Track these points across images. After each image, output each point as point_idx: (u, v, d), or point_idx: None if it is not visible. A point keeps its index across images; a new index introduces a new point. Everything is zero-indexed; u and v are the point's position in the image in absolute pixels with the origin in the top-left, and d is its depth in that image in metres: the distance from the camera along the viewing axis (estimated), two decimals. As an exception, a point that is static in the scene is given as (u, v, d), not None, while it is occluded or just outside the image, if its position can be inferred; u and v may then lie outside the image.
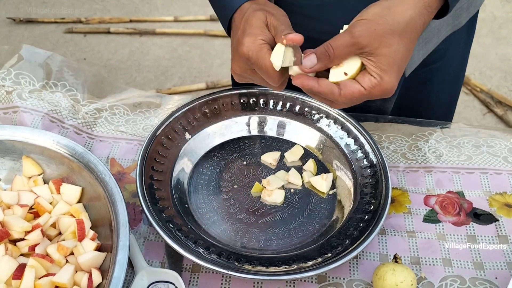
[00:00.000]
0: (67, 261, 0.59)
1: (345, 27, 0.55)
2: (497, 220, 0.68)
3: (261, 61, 0.57)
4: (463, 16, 0.77)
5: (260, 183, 0.70)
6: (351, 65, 0.54)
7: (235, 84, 0.99)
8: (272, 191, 0.69)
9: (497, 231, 0.67)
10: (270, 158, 0.74)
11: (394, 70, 0.53)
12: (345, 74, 0.54)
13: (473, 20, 0.84)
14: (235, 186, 0.71)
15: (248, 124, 0.77)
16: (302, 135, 0.76)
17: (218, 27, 2.41)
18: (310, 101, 0.76)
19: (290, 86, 0.81)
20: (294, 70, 0.56)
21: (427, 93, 0.86)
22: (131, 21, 2.43)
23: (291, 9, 0.77)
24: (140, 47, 2.31)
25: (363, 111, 0.81)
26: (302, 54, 0.55)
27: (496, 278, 0.62)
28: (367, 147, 0.71)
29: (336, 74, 0.54)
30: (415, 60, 0.77)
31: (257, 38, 0.58)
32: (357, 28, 0.52)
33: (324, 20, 0.74)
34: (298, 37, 0.55)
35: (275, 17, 0.59)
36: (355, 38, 0.52)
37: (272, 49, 0.57)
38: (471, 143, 0.78)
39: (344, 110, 0.75)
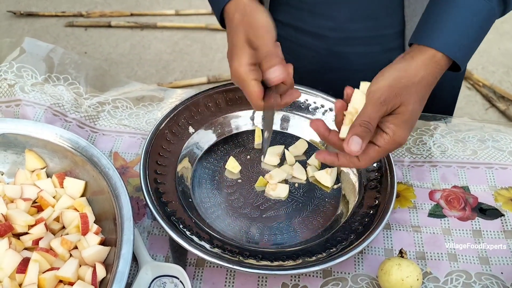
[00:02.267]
0: (71, 255, 0.59)
1: (363, 84, 0.57)
2: (503, 215, 0.68)
3: (246, 89, 0.60)
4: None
5: (264, 178, 0.70)
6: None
7: None
8: (276, 186, 0.69)
9: (503, 226, 0.66)
10: (274, 153, 0.73)
11: (407, 126, 0.55)
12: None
13: None
14: (239, 181, 0.70)
15: (252, 118, 0.77)
16: (306, 129, 0.76)
17: (219, 21, 2.40)
18: (315, 95, 0.75)
19: (296, 80, 0.81)
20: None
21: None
22: (132, 14, 2.42)
23: (298, 6, 0.77)
24: (141, 41, 2.30)
25: None
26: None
27: (502, 273, 0.62)
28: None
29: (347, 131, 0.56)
30: None
31: (242, 61, 0.60)
32: (383, 95, 0.54)
33: (330, 17, 0.74)
34: (280, 76, 0.59)
35: (259, 33, 0.60)
36: (385, 105, 0.54)
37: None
38: (476, 137, 0.77)
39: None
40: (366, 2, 0.56)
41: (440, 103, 0.90)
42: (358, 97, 0.56)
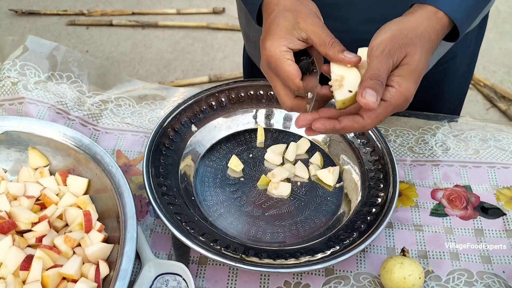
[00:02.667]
0: (74, 252, 0.59)
1: (360, 50, 0.55)
2: (505, 214, 0.68)
3: (282, 68, 0.56)
4: (478, 17, 0.77)
5: (266, 176, 0.70)
6: (352, 80, 0.53)
7: (247, 76, 0.98)
8: (278, 184, 0.69)
9: (505, 225, 0.67)
10: (276, 152, 0.73)
11: (413, 78, 0.53)
12: (350, 91, 0.53)
13: (484, 19, 0.84)
14: (242, 179, 0.71)
15: (254, 117, 0.77)
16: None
17: (220, 20, 2.40)
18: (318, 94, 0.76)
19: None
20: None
21: (439, 92, 0.86)
22: (133, 13, 2.42)
23: None
24: (143, 40, 2.30)
25: None
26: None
27: (503, 272, 0.62)
28: (374, 140, 0.71)
29: (341, 93, 0.53)
30: (434, 57, 0.77)
31: (280, 43, 0.56)
32: (387, 47, 0.52)
33: (340, 19, 0.73)
34: (357, 59, 0.54)
35: (309, 20, 0.56)
36: (390, 56, 0.52)
37: (296, 54, 0.56)
38: (478, 137, 0.78)
39: None
40: (376, 4, 0.55)
41: (447, 104, 0.90)
42: (337, 66, 0.54)
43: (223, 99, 0.76)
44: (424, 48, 0.54)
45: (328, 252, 0.60)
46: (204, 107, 0.75)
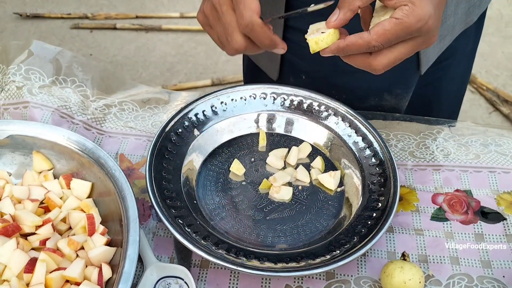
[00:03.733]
0: (77, 255, 0.59)
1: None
2: (505, 219, 0.68)
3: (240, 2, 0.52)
4: (475, 13, 0.78)
5: (268, 180, 0.71)
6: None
7: (247, 81, 0.99)
8: (280, 188, 0.69)
9: (505, 230, 0.67)
10: (278, 156, 0.74)
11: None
12: (323, 32, 0.51)
13: (481, 17, 0.84)
14: (243, 183, 0.71)
15: (256, 121, 0.77)
16: (310, 132, 0.77)
17: (224, 24, 2.41)
18: (319, 99, 0.76)
19: (299, 84, 0.81)
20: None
21: (438, 90, 0.86)
22: (137, 17, 2.43)
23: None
24: (146, 43, 2.31)
25: (377, 109, 0.81)
26: None
27: (503, 276, 0.62)
28: (375, 145, 0.72)
29: (314, 35, 0.51)
30: (431, 57, 0.77)
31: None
32: None
33: None
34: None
35: None
36: None
37: None
38: (479, 141, 0.78)
39: (355, 107, 0.75)
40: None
41: (447, 102, 0.90)
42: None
43: (225, 104, 0.76)
44: None
45: (329, 256, 0.60)
46: (206, 111, 0.75)
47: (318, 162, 0.73)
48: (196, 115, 0.75)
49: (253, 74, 0.93)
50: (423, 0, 0.48)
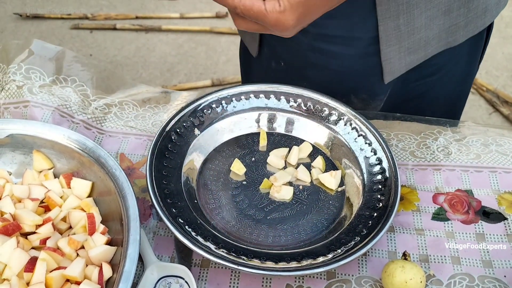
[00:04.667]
0: (77, 254, 0.59)
1: None
2: (506, 219, 0.68)
3: None
4: (460, 34, 0.76)
5: (269, 180, 0.71)
6: None
7: (245, 80, 1.00)
8: (280, 188, 0.69)
9: (506, 229, 0.67)
10: (278, 156, 0.74)
11: (299, 11, 0.51)
12: None
13: (478, 40, 0.82)
14: (244, 182, 0.71)
15: (257, 121, 0.77)
16: (311, 132, 0.76)
17: (224, 24, 2.41)
18: (319, 99, 0.76)
19: (279, 70, 0.82)
20: None
21: (422, 107, 0.86)
22: (137, 17, 2.43)
23: None
24: (146, 44, 2.32)
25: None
26: None
27: (505, 276, 0.62)
28: (376, 144, 0.71)
29: None
30: (396, 68, 0.76)
31: None
32: None
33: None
34: None
35: None
36: None
37: None
38: (480, 141, 0.78)
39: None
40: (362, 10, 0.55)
41: (446, 109, 0.90)
42: None
43: (225, 103, 0.76)
44: None
45: (330, 256, 0.60)
46: (207, 111, 0.75)
47: (318, 162, 0.73)
48: (196, 114, 0.74)
49: (245, 57, 0.94)
50: (292, 13, 0.51)
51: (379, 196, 0.67)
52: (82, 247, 0.60)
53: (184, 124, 0.73)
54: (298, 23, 0.52)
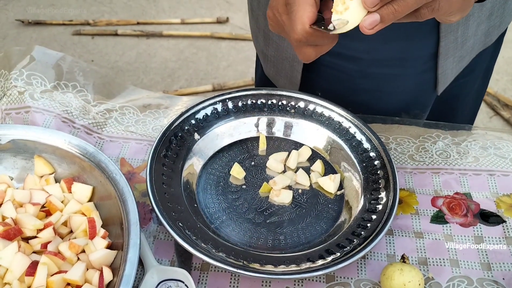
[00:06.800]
0: (78, 258, 0.60)
1: None
2: (505, 222, 0.68)
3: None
4: (494, 34, 0.78)
5: (268, 184, 0.71)
6: (354, 13, 0.47)
7: (258, 84, 0.98)
8: (280, 191, 0.70)
9: (505, 232, 0.67)
10: (278, 160, 0.74)
11: None
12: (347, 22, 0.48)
13: (500, 37, 0.84)
14: (244, 186, 0.71)
15: (256, 125, 0.78)
16: (310, 136, 0.77)
17: (224, 30, 2.42)
18: (318, 102, 0.77)
19: (300, 88, 0.82)
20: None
21: (454, 106, 0.87)
22: (138, 23, 2.45)
23: None
24: (147, 49, 2.33)
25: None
26: None
27: (503, 279, 0.62)
28: (374, 148, 0.72)
29: (337, 19, 0.48)
30: (449, 77, 0.78)
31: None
32: None
33: (363, 38, 0.73)
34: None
35: None
36: None
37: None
38: (478, 145, 0.78)
39: (354, 111, 0.75)
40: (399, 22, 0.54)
41: (460, 119, 0.90)
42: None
43: (225, 108, 0.77)
44: None
45: (329, 259, 0.60)
46: (207, 115, 0.76)
47: (318, 166, 0.74)
48: (196, 119, 0.75)
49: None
50: None
51: (378, 200, 0.67)
52: (83, 251, 0.60)
53: (184, 128, 0.74)
54: None
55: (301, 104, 0.77)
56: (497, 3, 0.73)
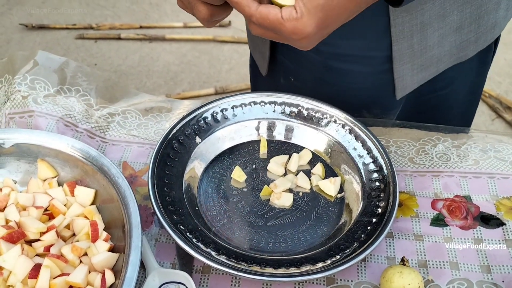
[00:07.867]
0: (81, 261, 0.60)
1: None
2: (504, 224, 0.68)
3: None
4: (470, 49, 0.77)
5: (269, 187, 0.72)
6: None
7: (254, 88, 1.00)
8: (280, 194, 0.70)
9: (504, 235, 0.67)
10: (278, 163, 0.75)
11: (317, 16, 0.49)
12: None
13: (487, 51, 0.84)
14: (244, 189, 0.72)
15: (257, 129, 0.79)
16: (310, 139, 0.77)
17: (226, 33, 2.43)
18: (318, 106, 0.77)
19: (289, 86, 0.83)
20: None
21: (435, 118, 0.87)
22: (141, 27, 2.46)
23: None
24: (150, 53, 2.34)
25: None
26: None
27: (503, 281, 0.62)
28: (375, 151, 0.72)
29: None
30: (408, 84, 0.78)
31: None
32: None
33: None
34: None
35: None
36: None
37: None
38: (478, 147, 0.79)
39: (352, 114, 0.76)
40: (353, 20, 0.55)
41: (459, 118, 0.91)
42: None
43: (226, 111, 0.77)
44: None
45: (329, 261, 0.61)
46: (208, 119, 0.77)
47: (318, 169, 0.74)
48: (198, 122, 0.76)
49: (254, 72, 0.95)
50: (313, 18, 0.49)
51: (378, 202, 0.67)
52: (85, 254, 0.61)
53: (186, 132, 0.74)
54: (318, 29, 0.50)
55: (302, 108, 0.78)
56: (467, 17, 0.72)
